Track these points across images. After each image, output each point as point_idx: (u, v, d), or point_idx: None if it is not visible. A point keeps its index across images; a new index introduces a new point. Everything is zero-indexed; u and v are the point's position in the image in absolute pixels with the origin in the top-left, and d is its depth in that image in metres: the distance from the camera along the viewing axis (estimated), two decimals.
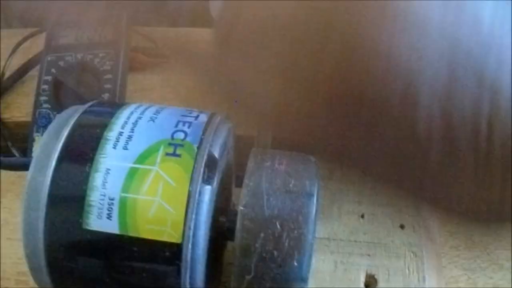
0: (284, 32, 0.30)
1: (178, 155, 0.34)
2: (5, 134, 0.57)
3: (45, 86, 0.55)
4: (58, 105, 0.54)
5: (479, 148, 0.27)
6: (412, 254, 0.41)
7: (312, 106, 0.30)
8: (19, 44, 0.60)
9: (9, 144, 0.56)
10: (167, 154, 0.34)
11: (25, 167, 0.50)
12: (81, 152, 0.34)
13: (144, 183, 0.33)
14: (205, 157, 0.34)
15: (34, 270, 0.35)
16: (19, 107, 0.59)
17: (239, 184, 0.35)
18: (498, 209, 0.29)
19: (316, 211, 0.34)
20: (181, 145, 0.34)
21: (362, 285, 0.39)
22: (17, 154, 0.55)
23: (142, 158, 0.34)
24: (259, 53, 0.31)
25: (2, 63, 0.59)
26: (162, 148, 0.34)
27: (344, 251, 0.41)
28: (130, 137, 0.35)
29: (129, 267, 0.33)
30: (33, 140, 0.54)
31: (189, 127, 0.35)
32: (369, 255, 0.41)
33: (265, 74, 0.31)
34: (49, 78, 0.55)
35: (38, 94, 0.55)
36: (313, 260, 0.40)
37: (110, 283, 0.34)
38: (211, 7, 0.44)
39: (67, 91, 0.54)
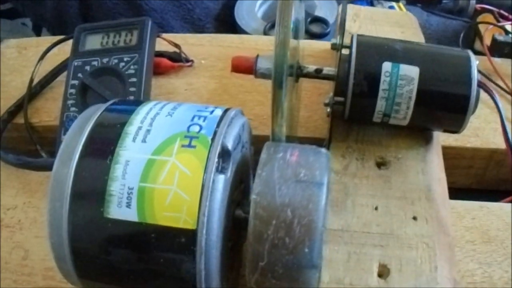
0: None
1: (193, 147, 0.35)
2: (34, 137, 0.59)
3: (72, 90, 0.57)
4: (85, 108, 0.55)
5: None
6: (424, 245, 0.41)
7: None
8: (47, 51, 0.63)
9: (38, 147, 0.59)
10: (183, 145, 0.35)
11: (52, 168, 0.53)
12: (102, 145, 0.36)
13: (161, 173, 0.35)
14: (219, 148, 0.35)
15: (58, 259, 0.37)
16: (48, 112, 0.61)
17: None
18: None
19: (326, 199, 0.35)
20: (196, 137, 0.36)
21: (375, 274, 0.40)
22: (45, 157, 0.57)
23: (160, 150, 0.35)
24: None
25: (31, 70, 0.62)
26: (178, 140, 0.36)
27: (358, 242, 0.42)
28: (148, 131, 0.36)
29: (147, 253, 0.35)
30: (61, 142, 0.55)
31: (204, 120, 0.37)
32: (382, 245, 0.41)
33: None
34: (75, 82, 0.57)
35: (65, 98, 0.57)
36: (327, 251, 0.41)
37: (129, 269, 0.36)
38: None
39: (93, 95, 0.56)
